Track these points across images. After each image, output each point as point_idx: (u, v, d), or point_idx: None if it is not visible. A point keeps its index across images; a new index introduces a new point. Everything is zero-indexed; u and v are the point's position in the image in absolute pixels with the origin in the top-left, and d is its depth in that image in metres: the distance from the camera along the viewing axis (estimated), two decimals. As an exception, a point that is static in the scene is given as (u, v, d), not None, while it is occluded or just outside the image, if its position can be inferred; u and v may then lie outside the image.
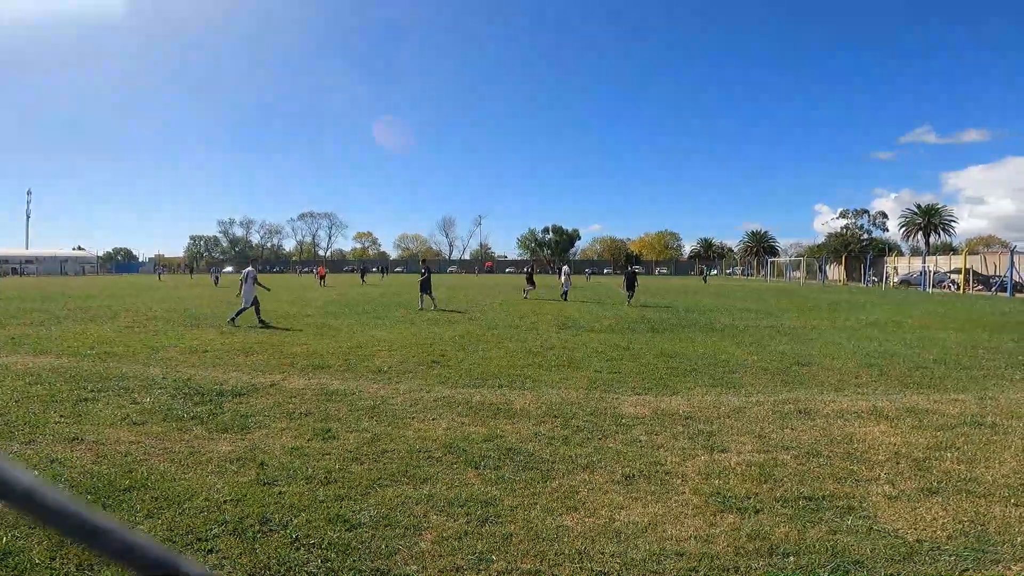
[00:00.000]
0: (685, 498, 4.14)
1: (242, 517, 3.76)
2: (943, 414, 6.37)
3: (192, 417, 6.08)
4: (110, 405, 6.55)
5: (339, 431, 5.61)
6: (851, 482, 4.42)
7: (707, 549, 3.41)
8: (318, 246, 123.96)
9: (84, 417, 6.06)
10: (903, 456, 4.99)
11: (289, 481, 4.36)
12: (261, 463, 4.71)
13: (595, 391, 7.48)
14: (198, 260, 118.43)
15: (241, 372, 8.49)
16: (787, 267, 70.17)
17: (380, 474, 4.52)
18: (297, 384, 7.68)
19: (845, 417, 6.27)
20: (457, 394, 7.21)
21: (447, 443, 5.27)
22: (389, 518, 3.77)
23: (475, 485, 4.34)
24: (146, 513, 3.80)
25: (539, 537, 3.56)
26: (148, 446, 5.16)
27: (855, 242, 78.03)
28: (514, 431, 5.67)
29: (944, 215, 77.19)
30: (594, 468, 4.70)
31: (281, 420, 6.00)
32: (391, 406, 6.59)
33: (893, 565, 3.23)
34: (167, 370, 8.58)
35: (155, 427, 5.74)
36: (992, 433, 5.67)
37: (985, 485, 4.34)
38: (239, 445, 5.20)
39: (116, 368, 8.70)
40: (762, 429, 5.78)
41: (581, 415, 6.26)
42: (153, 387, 7.42)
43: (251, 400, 6.81)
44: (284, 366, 9.00)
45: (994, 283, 40.25)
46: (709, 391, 7.58)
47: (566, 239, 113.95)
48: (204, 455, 4.93)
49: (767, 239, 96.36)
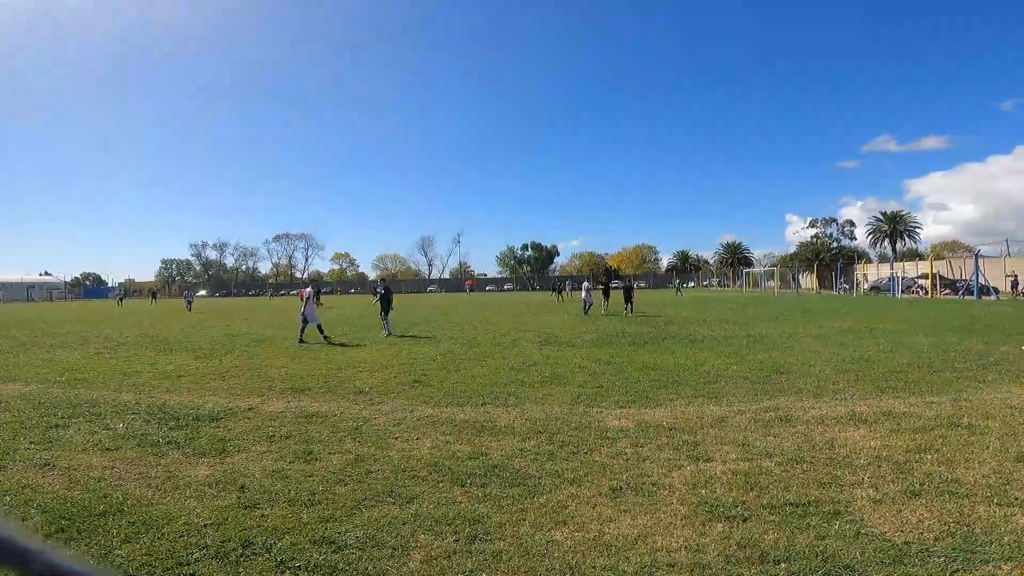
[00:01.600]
0: (673, 508, 4.13)
1: (224, 540, 3.66)
2: (920, 417, 6.48)
3: (168, 442, 5.92)
4: (81, 431, 6.37)
5: (321, 453, 5.51)
6: (835, 487, 4.46)
7: (698, 559, 3.40)
8: (295, 268, 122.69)
9: (55, 443, 5.90)
10: (884, 459, 5.05)
11: (271, 504, 4.26)
12: (242, 486, 4.60)
13: (579, 406, 7.46)
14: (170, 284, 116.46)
15: (218, 396, 8.31)
16: (762, 277, 71.24)
17: (365, 494, 4.44)
18: (276, 407, 7.54)
19: (825, 423, 6.34)
20: (440, 413, 7.14)
21: (432, 462, 5.20)
22: (376, 539, 3.70)
23: (462, 503, 4.28)
24: (123, 538, 3.68)
25: (529, 553, 3.51)
26: (123, 471, 5.03)
27: (825, 251, 79.97)
28: (499, 448, 5.62)
29: (909, 222, 79.53)
30: (581, 482, 4.67)
31: (261, 443, 5.87)
32: (374, 426, 6.50)
33: (884, 568, 3.25)
34: (140, 396, 8.36)
35: (129, 452, 5.59)
36: (969, 434, 5.77)
37: (967, 485, 4.40)
38: (218, 469, 5.07)
39: (86, 394, 8.46)
40: (745, 438, 5.81)
41: (566, 430, 6.23)
42: (126, 413, 7.22)
43: (229, 424, 6.66)
44: (262, 389, 8.83)
45: (960, 287, 41.43)
46: (691, 402, 7.62)
47: (545, 255, 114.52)
48: (182, 479, 4.79)
49: (741, 250, 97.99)
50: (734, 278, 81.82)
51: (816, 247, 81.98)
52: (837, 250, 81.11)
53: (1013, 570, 3.17)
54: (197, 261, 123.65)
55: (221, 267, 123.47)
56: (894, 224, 78.80)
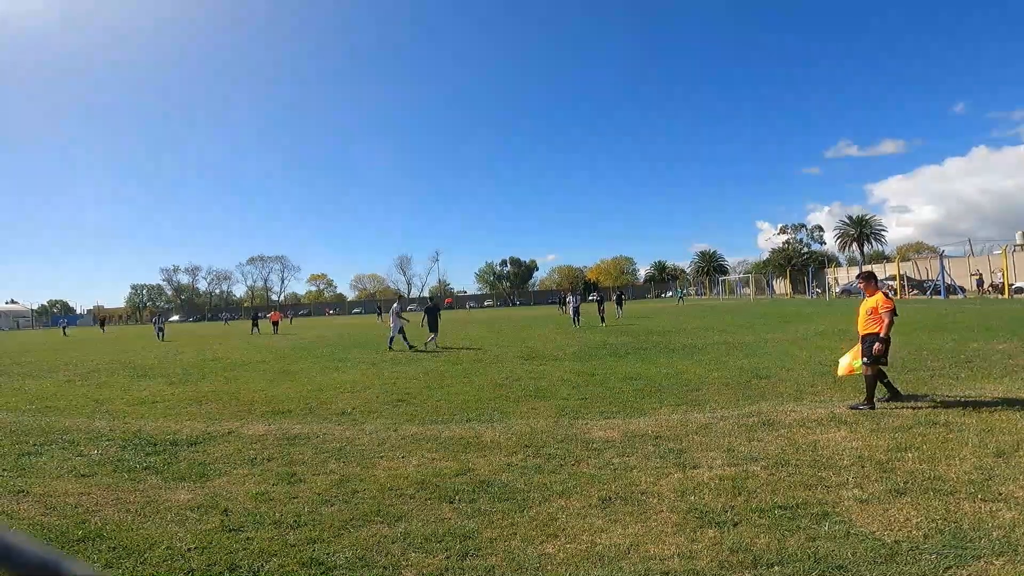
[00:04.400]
0: (664, 516, 4.13)
1: (209, 564, 3.56)
2: (898, 416, 6.60)
3: (145, 467, 5.77)
4: (55, 458, 6.21)
5: (305, 474, 5.40)
6: (821, 488, 4.50)
7: (691, 565, 3.40)
8: (271, 291, 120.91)
9: (28, 471, 5.78)
10: (867, 459, 5.12)
11: (256, 527, 4.16)
12: (225, 510, 4.49)
13: (564, 418, 7.45)
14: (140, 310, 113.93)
15: (195, 421, 8.12)
16: (737, 284, 72.29)
17: (352, 514, 4.36)
18: (257, 430, 7.39)
19: (807, 425, 6.42)
20: (426, 431, 7.07)
21: (419, 480, 5.14)
22: (366, 558, 3.63)
23: (452, 519, 4.23)
24: (104, 563, 3.58)
25: (522, 567, 3.48)
26: (99, 497, 4.91)
27: (797, 256, 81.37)
28: (486, 463, 5.58)
29: (875, 225, 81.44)
30: (570, 494, 4.65)
31: (242, 467, 5.74)
32: (358, 446, 6.40)
33: (876, 567, 3.27)
34: (114, 422, 8.14)
35: (105, 478, 5.45)
36: (947, 431, 5.88)
37: (950, 483, 4.48)
38: (199, 493, 4.94)
39: (58, 422, 8.22)
40: (730, 443, 5.85)
41: (552, 443, 6.21)
42: (100, 439, 7.03)
43: (208, 448, 6.51)
44: (241, 413, 8.66)
45: (928, 287, 42.53)
46: (675, 410, 7.66)
47: (524, 270, 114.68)
48: (162, 504, 4.67)
49: (716, 259, 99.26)
50: (710, 286, 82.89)
51: (788, 253, 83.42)
52: (808, 255, 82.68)
53: (1005, 565, 3.21)
54: (168, 286, 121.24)
55: (194, 292, 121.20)
56: (860, 228, 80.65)
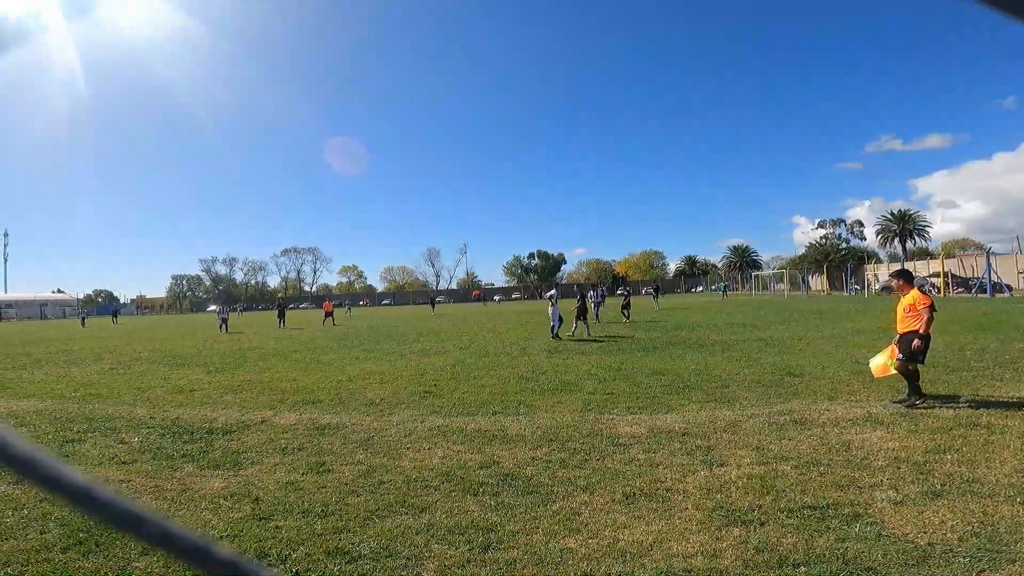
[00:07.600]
0: (688, 514, 4.08)
1: (239, 552, 3.65)
2: (938, 417, 6.40)
3: (183, 455, 5.95)
4: (97, 445, 6.43)
5: (333, 464, 5.50)
6: (854, 489, 4.40)
7: (715, 564, 3.36)
8: (303, 282, 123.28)
9: (71, 457, 5.97)
10: (903, 460, 4.98)
11: (285, 515, 4.26)
12: (256, 498, 4.60)
13: (589, 413, 7.42)
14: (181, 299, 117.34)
15: (230, 410, 8.34)
16: (770, 280, 70.80)
17: (378, 505, 4.43)
18: (288, 420, 7.55)
19: (841, 425, 6.27)
20: (451, 423, 7.12)
21: (444, 471, 5.18)
22: (390, 549, 3.68)
23: (475, 512, 4.26)
24: (140, 551, 3.68)
25: (543, 561, 3.48)
26: (138, 484, 5.07)
27: (835, 252, 79.34)
28: (511, 456, 5.60)
29: (918, 220, 78.79)
30: (594, 489, 4.63)
31: (274, 455, 5.87)
32: (385, 437, 6.49)
33: (907, 570, 3.19)
34: (154, 410, 8.41)
35: (145, 466, 5.62)
36: (988, 433, 5.68)
37: (989, 485, 4.33)
38: (232, 481, 5.08)
39: (102, 409, 8.51)
40: (759, 441, 5.75)
41: (577, 437, 6.19)
42: (140, 427, 7.26)
43: (242, 437, 6.68)
44: (274, 402, 8.85)
45: (973, 285, 41.04)
46: (703, 407, 7.56)
47: (552, 264, 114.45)
48: (197, 492, 4.82)
49: (749, 253, 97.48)
50: (742, 281, 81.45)
51: (825, 248, 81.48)
52: (846, 251, 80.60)
53: None
54: (207, 276, 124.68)
55: (231, 282, 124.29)
56: (903, 223, 78.15)
